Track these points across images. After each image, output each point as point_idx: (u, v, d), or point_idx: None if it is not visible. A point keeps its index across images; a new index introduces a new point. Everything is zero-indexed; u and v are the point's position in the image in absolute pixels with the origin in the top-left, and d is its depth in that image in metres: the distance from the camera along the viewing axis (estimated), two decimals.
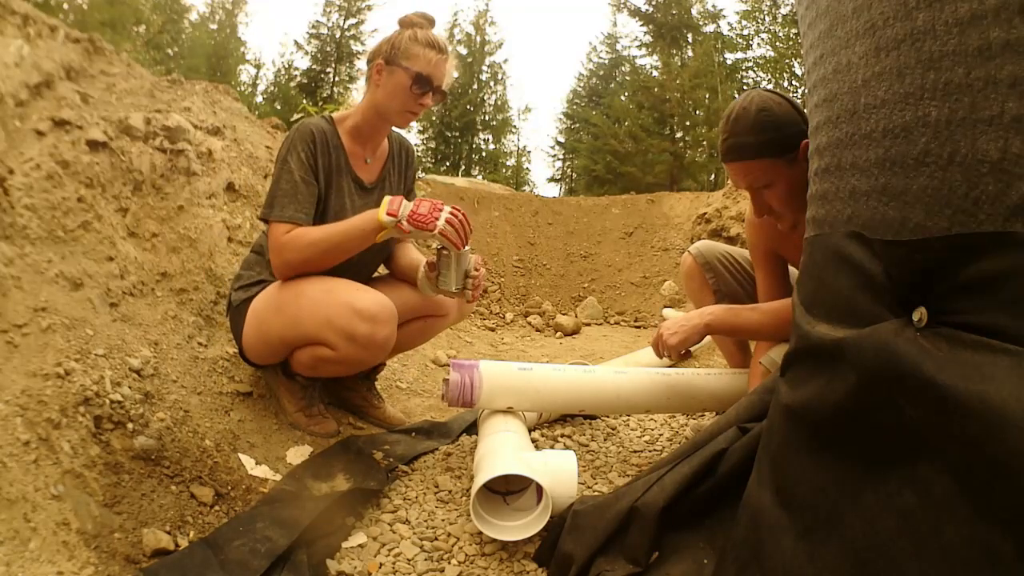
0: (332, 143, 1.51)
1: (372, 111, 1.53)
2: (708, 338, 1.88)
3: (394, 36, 1.50)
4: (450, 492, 1.37)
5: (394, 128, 1.62)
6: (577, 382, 1.55)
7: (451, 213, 1.36)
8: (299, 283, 1.43)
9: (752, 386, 1.53)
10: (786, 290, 1.60)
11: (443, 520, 1.26)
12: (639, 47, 17.76)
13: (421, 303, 1.67)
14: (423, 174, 6.97)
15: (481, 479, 1.17)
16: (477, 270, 1.48)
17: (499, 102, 19.58)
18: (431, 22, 1.53)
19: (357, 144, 1.57)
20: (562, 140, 20.68)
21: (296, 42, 18.21)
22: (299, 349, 1.48)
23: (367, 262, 1.65)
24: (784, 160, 1.32)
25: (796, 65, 13.49)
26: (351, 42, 17.94)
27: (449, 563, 1.13)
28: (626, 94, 17.41)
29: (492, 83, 19.39)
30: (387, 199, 1.39)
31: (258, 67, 18.98)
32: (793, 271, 1.63)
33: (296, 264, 1.41)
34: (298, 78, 18.13)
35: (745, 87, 15.01)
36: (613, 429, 1.83)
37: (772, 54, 14.50)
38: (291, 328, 1.44)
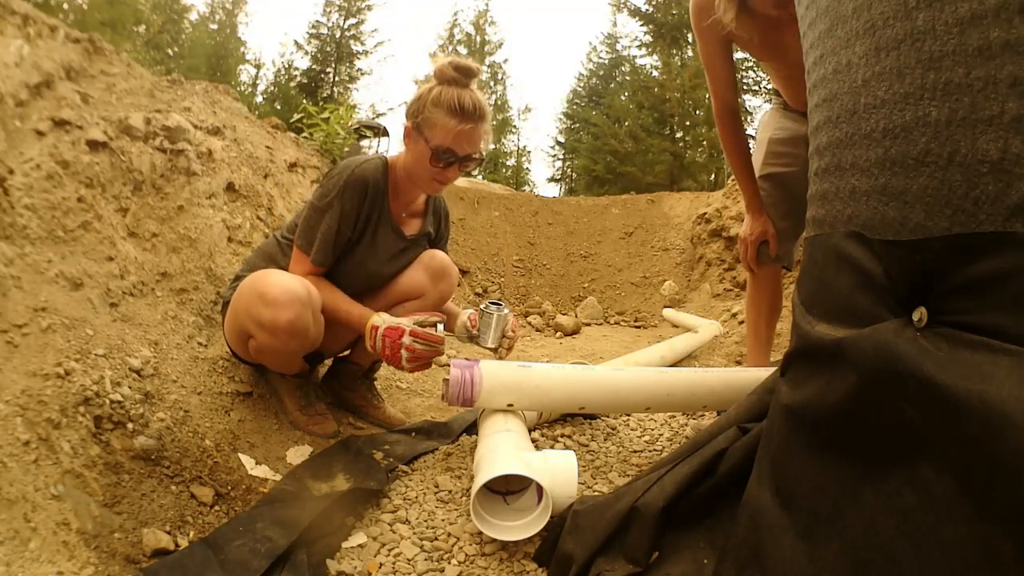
0: (382, 189, 1.53)
1: (404, 172, 1.54)
2: (710, 335, 1.87)
3: (424, 93, 1.41)
4: (450, 492, 1.37)
5: None
6: (577, 379, 1.55)
7: (407, 348, 1.37)
8: (250, 276, 1.47)
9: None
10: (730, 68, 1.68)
11: (443, 520, 1.26)
12: (639, 47, 17.74)
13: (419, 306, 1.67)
14: None
15: (481, 479, 1.17)
16: (514, 331, 1.57)
17: (499, 102, 19.63)
18: (467, 74, 1.39)
19: (398, 195, 1.59)
20: (562, 140, 20.73)
21: (296, 42, 18.27)
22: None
23: (381, 274, 1.66)
24: None
25: None
26: (351, 42, 17.97)
27: (449, 563, 1.13)
28: (626, 94, 17.41)
29: (492, 83, 19.43)
30: (370, 326, 1.42)
31: (258, 67, 19.02)
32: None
33: None
34: (298, 78, 18.15)
35: (745, 87, 15.00)
36: (613, 429, 1.83)
37: None
38: (232, 318, 1.50)
